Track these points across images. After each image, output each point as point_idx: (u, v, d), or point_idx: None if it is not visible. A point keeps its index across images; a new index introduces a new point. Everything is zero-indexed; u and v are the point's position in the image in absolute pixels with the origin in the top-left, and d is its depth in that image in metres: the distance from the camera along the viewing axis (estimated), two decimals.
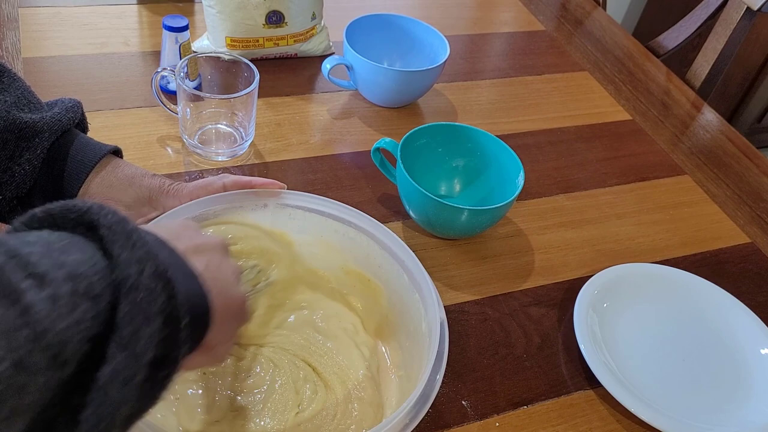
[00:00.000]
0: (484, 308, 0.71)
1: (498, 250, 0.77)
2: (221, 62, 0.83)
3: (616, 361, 0.66)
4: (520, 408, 0.63)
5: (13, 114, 0.55)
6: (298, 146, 0.86)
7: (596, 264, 0.77)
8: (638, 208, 0.87)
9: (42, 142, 0.56)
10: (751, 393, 0.66)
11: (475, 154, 0.81)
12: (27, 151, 0.56)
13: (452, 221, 0.73)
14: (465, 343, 0.67)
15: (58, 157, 0.58)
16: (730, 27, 1.14)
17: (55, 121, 0.58)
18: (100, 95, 0.86)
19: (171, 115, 0.83)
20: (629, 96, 1.08)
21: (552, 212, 0.84)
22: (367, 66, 0.89)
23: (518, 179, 0.75)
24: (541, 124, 0.99)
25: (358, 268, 0.64)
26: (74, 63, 0.90)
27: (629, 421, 0.63)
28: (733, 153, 1.01)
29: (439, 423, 0.60)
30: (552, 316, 0.72)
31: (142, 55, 0.94)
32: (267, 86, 0.93)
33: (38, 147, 0.56)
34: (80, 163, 0.58)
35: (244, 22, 0.91)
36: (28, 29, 0.94)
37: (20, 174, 0.56)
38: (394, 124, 0.93)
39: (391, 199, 0.81)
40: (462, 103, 0.99)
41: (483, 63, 1.10)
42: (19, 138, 0.55)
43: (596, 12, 1.30)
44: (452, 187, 0.83)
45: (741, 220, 0.89)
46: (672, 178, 0.94)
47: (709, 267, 0.81)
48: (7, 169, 0.55)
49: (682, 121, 1.05)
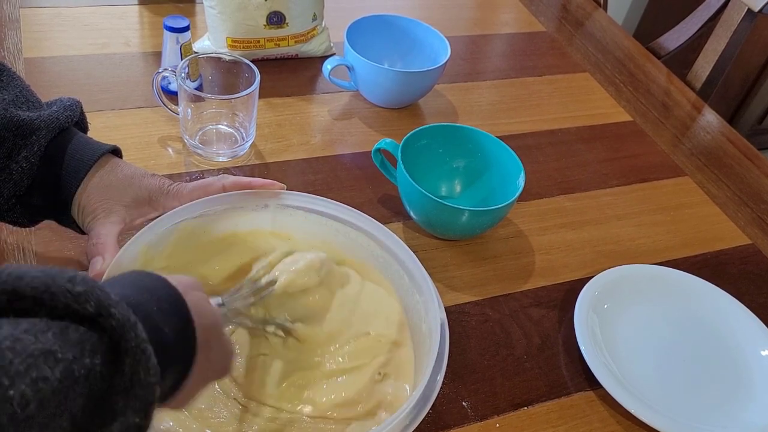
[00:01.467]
0: (485, 309, 0.71)
1: (498, 251, 0.77)
2: (222, 63, 0.83)
3: (617, 362, 0.66)
4: (521, 409, 0.63)
5: (10, 112, 0.55)
6: (299, 147, 0.86)
7: (597, 265, 0.77)
8: (639, 209, 0.87)
9: (39, 140, 0.56)
10: (751, 394, 0.66)
11: (476, 155, 0.81)
12: (24, 149, 0.56)
13: (453, 222, 0.73)
14: (465, 344, 0.67)
15: (57, 155, 0.58)
16: (731, 28, 1.14)
17: (53, 119, 0.57)
18: (101, 95, 0.86)
19: (172, 116, 0.83)
20: (630, 97, 1.08)
21: (552, 213, 0.84)
22: (367, 67, 0.89)
23: (519, 180, 0.75)
24: (541, 125, 0.99)
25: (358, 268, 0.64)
26: (75, 63, 0.90)
27: (629, 422, 0.63)
28: (734, 154, 1.01)
29: (440, 424, 0.60)
30: (552, 317, 0.72)
31: (143, 56, 0.94)
32: (268, 87, 0.93)
33: (35, 145, 0.56)
34: (79, 162, 0.58)
35: (245, 23, 0.91)
36: (30, 29, 0.94)
37: (18, 172, 0.56)
38: (394, 124, 0.93)
39: (392, 200, 0.81)
40: (463, 104, 0.99)
41: (484, 64, 1.10)
42: (16, 136, 0.55)
43: (597, 13, 1.30)
44: (453, 188, 0.83)
45: (741, 221, 0.89)
46: (672, 180, 0.94)
47: (710, 268, 0.81)
48: (4, 167, 0.55)
49: (682, 123, 1.05)
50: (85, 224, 0.59)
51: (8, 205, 0.57)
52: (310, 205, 0.64)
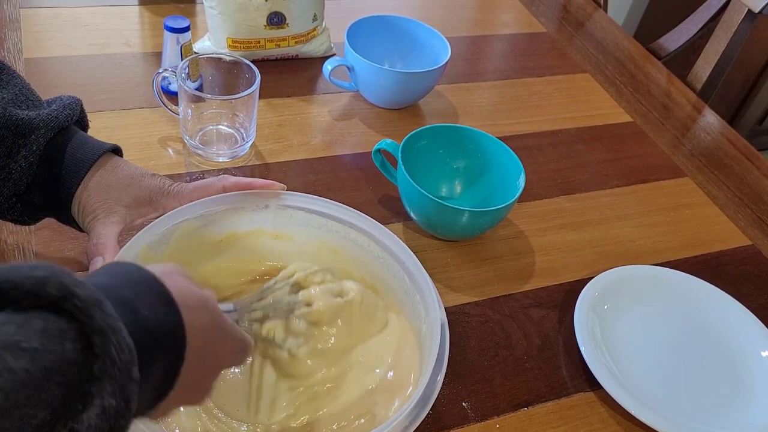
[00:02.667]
0: (485, 310, 0.71)
1: (499, 252, 0.77)
2: (222, 63, 0.83)
3: (617, 363, 0.66)
4: (521, 410, 0.63)
5: (9, 111, 0.55)
6: (299, 147, 0.86)
7: (597, 266, 0.77)
8: (639, 210, 0.87)
9: (38, 139, 0.56)
10: (751, 395, 0.66)
11: (476, 155, 0.81)
12: (23, 148, 0.56)
13: (453, 223, 0.73)
14: (465, 344, 0.67)
15: (57, 154, 0.58)
16: (732, 29, 1.14)
17: (52, 118, 0.57)
18: (102, 96, 0.86)
19: (172, 116, 0.83)
20: (630, 98, 1.08)
21: (553, 214, 0.84)
22: (368, 67, 0.89)
23: (519, 181, 0.75)
24: (542, 125, 0.99)
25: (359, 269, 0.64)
26: (76, 64, 0.90)
27: (629, 423, 0.63)
28: (734, 155, 1.01)
29: (440, 424, 0.60)
30: (553, 317, 0.72)
31: (143, 56, 0.94)
32: (268, 87, 0.93)
33: (34, 144, 0.56)
34: (79, 161, 0.58)
35: (245, 23, 0.91)
36: (30, 30, 0.94)
37: (17, 171, 0.56)
38: (395, 125, 0.93)
39: (392, 201, 0.81)
40: (463, 105, 0.99)
41: (484, 64, 1.10)
42: (15, 135, 0.55)
43: (597, 14, 1.30)
44: (453, 189, 0.83)
45: (742, 222, 0.89)
46: (673, 180, 0.94)
47: (710, 269, 0.81)
48: (4, 166, 0.55)
49: (683, 123, 1.05)
50: (86, 224, 0.59)
51: (9, 203, 0.57)
52: (311, 205, 0.64)
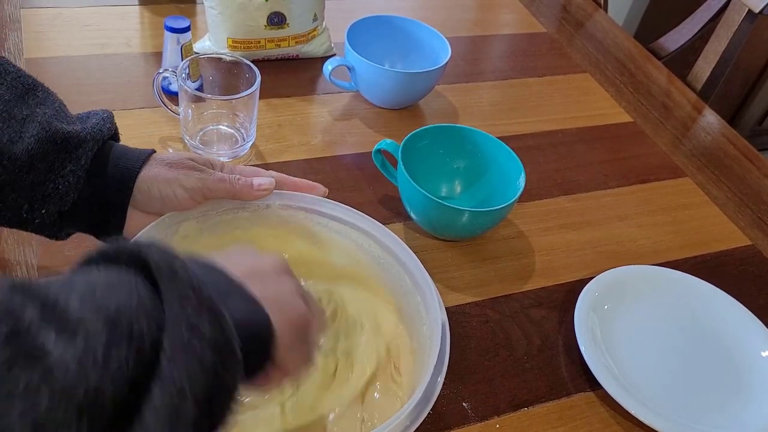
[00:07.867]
0: (485, 310, 0.71)
1: (499, 252, 0.78)
2: (223, 63, 0.83)
3: (617, 363, 0.66)
4: (521, 410, 0.63)
5: (54, 125, 0.54)
6: (299, 147, 0.86)
7: (597, 266, 0.77)
8: (639, 210, 0.87)
9: (86, 152, 0.55)
10: (751, 395, 0.66)
11: (476, 155, 0.81)
12: (70, 163, 0.54)
13: (453, 223, 0.73)
14: (466, 344, 0.67)
15: (99, 167, 0.56)
16: (732, 29, 1.14)
17: (97, 131, 0.56)
18: (102, 96, 0.86)
19: (172, 116, 0.83)
20: (630, 98, 1.08)
21: (553, 214, 0.84)
22: (368, 67, 0.89)
23: (519, 181, 0.75)
24: (542, 125, 0.99)
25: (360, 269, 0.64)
26: (76, 64, 0.90)
27: (630, 423, 0.63)
28: (734, 155, 1.01)
29: (440, 425, 0.60)
30: (553, 317, 0.72)
31: (143, 56, 0.94)
32: (268, 87, 0.93)
33: (82, 157, 0.54)
34: (123, 169, 0.56)
35: (245, 24, 0.91)
36: (30, 30, 0.94)
37: (64, 186, 0.54)
38: (395, 125, 0.93)
39: (392, 201, 0.81)
40: (463, 105, 0.99)
41: (484, 65, 1.10)
42: (60, 150, 0.54)
43: (597, 14, 1.30)
44: (453, 189, 0.83)
45: (742, 222, 0.89)
46: (673, 180, 0.94)
47: (710, 269, 0.81)
48: (47, 181, 0.54)
49: (683, 124, 1.05)
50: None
51: (51, 219, 0.55)
52: (311, 205, 0.64)
